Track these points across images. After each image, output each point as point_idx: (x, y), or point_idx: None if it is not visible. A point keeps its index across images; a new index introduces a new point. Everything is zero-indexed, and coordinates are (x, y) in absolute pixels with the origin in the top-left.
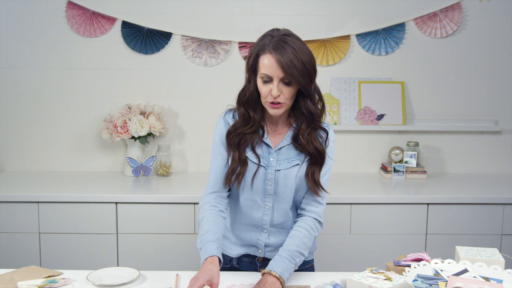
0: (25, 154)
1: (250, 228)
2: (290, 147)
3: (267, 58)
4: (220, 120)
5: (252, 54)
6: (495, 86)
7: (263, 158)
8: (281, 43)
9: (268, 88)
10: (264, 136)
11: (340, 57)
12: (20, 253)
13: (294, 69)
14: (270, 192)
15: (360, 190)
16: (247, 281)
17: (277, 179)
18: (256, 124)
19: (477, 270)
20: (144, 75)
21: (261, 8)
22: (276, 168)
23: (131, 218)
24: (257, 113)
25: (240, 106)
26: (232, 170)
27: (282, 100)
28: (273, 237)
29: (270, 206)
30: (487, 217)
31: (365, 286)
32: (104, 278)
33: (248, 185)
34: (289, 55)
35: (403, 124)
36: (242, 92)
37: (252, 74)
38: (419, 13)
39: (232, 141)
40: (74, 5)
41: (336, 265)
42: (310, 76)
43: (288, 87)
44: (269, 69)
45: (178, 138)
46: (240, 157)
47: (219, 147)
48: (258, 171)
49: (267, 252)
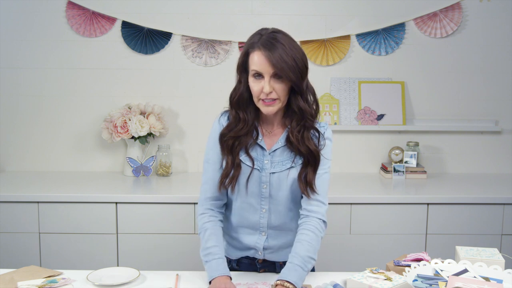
0: (25, 154)
1: (248, 231)
2: (285, 149)
3: (256, 55)
4: (215, 124)
5: (242, 53)
6: (495, 86)
7: (257, 160)
8: (271, 39)
9: (259, 86)
10: (259, 138)
11: (340, 57)
12: (20, 253)
13: (284, 64)
14: (265, 195)
15: (360, 190)
16: (252, 279)
17: (271, 181)
18: (249, 125)
19: (477, 270)
20: (144, 75)
21: (261, 8)
22: (271, 171)
23: (131, 218)
24: (249, 114)
25: (232, 107)
26: (226, 174)
27: (275, 96)
28: (272, 240)
29: (266, 209)
30: (487, 217)
31: (365, 286)
32: (104, 278)
33: (243, 189)
34: (279, 50)
35: (403, 124)
36: (233, 93)
37: (242, 74)
38: (419, 13)
39: (225, 144)
40: (74, 5)
41: (336, 265)
42: (301, 72)
43: (280, 84)
44: (259, 65)
45: (178, 138)
46: (234, 161)
47: (213, 151)
48: (252, 174)
49: (266, 254)
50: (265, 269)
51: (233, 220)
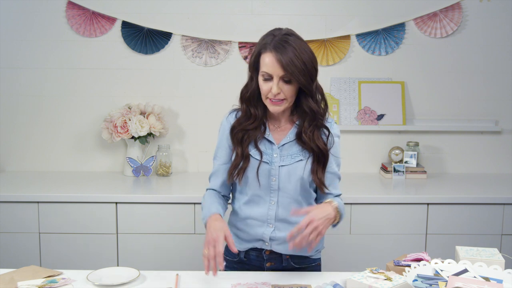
0: (25, 154)
1: (256, 223)
2: (294, 143)
3: (267, 57)
4: (224, 122)
5: (254, 53)
6: (495, 86)
7: (266, 154)
8: (282, 42)
9: (268, 86)
10: (266, 132)
11: (340, 57)
12: (20, 253)
13: (294, 68)
14: (274, 187)
15: (360, 190)
16: (252, 280)
17: (280, 175)
18: (258, 120)
19: (477, 270)
20: (144, 75)
21: (261, 8)
22: (280, 164)
23: (131, 218)
24: (259, 110)
25: (242, 103)
26: (235, 165)
27: (282, 97)
28: (279, 231)
29: (275, 201)
30: (487, 217)
31: (365, 286)
32: (104, 278)
33: (252, 181)
34: (290, 54)
35: (403, 124)
36: (245, 89)
37: (254, 72)
38: (419, 13)
39: (236, 136)
40: (74, 5)
41: (336, 265)
42: (310, 75)
43: (288, 85)
44: (270, 67)
45: (178, 138)
46: (243, 153)
47: (221, 149)
48: (261, 167)
49: (273, 245)
50: (271, 262)
51: (241, 212)
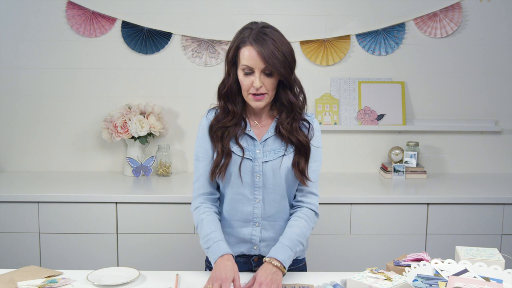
0: (25, 154)
1: (241, 224)
2: (275, 138)
3: (248, 50)
4: (203, 120)
5: (232, 47)
6: (495, 86)
7: (248, 150)
8: (261, 34)
9: (249, 80)
10: (247, 128)
11: (340, 57)
12: (20, 253)
13: (275, 60)
14: (259, 184)
15: (360, 190)
16: (241, 281)
17: (265, 171)
18: (237, 117)
19: (477, 270)
20: (144, 75)
21: (261, 8)
22: (263, 160)
23: (131, 218)
24: (237, 106)
25: (220, 99)
26: (216, 163)
27: (264, 91)
28: (266, 231)
29: (260, 199)
30: (487, 217)
31: (365, 286)
32: (104, 278)
33: (235, 179)
34: (270, 46)
35: (403, 124)
36: (222, 85)
37: (232, 67)
38: (419, 13)
39: (215, 134)
40: (74, 5)
41: (337, 265)
42: (290, 67)
43: (270, 78)
44: (251, 60)
45: (178, 138)
46: (224, 150)
47: (202, 148)
48: (244, 164)
49: (262, 247)
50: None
51: (225, 213)
